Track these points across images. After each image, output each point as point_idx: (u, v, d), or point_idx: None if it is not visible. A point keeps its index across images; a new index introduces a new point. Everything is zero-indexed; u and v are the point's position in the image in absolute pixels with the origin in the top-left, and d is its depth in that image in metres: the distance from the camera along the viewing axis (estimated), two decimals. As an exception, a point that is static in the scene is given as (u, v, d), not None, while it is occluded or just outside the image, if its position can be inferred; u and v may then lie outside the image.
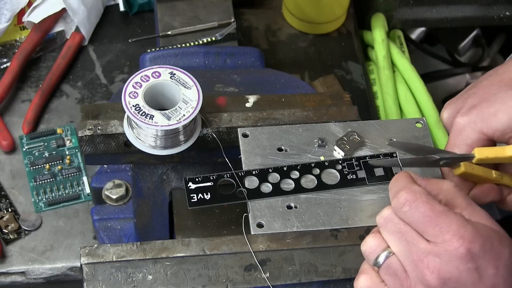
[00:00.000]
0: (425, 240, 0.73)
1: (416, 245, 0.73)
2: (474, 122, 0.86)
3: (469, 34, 1.62)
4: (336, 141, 0.92)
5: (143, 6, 1.44)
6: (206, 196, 0.86)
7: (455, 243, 0.71)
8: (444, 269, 0.72)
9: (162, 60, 1.18)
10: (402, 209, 0.74)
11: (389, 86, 1.40)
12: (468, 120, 0.86)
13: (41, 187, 1.24)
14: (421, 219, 0.73)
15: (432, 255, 0.72)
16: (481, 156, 0.84)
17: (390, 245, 0.76)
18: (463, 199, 0.77)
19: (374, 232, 0.79)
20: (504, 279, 0.73)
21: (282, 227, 0.85)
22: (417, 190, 0.75)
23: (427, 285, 0.73)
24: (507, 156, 0.84)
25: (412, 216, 0.74)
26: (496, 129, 0.85)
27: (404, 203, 0.74)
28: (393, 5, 1.45)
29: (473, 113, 0.86)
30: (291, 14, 1.45)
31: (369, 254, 0.78)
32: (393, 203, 0.76)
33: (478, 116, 0.86)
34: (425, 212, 0.73)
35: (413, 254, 0.73)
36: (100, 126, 0.95)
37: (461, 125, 0.87)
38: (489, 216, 0.76)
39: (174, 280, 0.87)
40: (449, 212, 0.73)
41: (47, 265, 1.17)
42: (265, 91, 1.11)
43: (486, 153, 0.84)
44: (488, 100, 0.86)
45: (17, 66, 1.33)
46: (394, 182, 0.78)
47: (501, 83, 0.87)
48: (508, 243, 0.74)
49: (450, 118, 0.89)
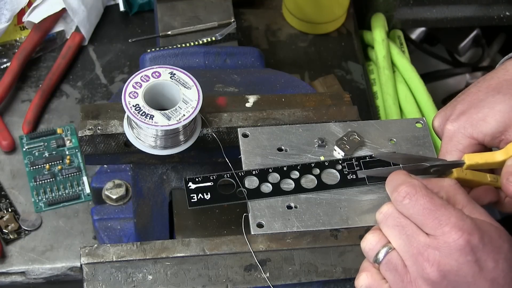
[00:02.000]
0: (425, 233, 0.74)
1: (416, 238, 0.74)
2: (464, 128, 0.87)
3: (469, 34, 1.63)
4: (336, 141, 0.92)
5: (143, 6, 1.44)
6: (206, 196, 0.86)
7: (454, 235, 0.72)
8: (444, 262, 0.72)
9: (162, 60, 1.18)
10: (402, 202, 0.75)
11: (389, 86, 1.40)
12: (458, 126, 0.87)
13: (41, 187, 1.24)
14: (421, 211, 0.74)
15: (431, 248, 0.73)
16: (471, 162, 0.84)
17: (390, 240, 0.76)
18: (464, 196, 0.78)
19: (374, 229, 0.79)
20: (504, 273, 0.73)
21: (282, 227, 0.85)
22: (417, 183, 0.76)
23: (427, 279, 0.73)
24: (496, 161, 0.84)
25: (412, 208, 0.74)
26: (485, 133, 0.85)
27: (404, 196, 0.75)
28: (393, 5, 1.45)
29: (462, 119, 0.87)
30: (291, 14, 1.45)
31: (369, 251, 0.78)
32: (394, 196, 0.76)
33: (467, 122, 0.86)
34: (424, 204, 0.74)
35: (413, 247, 0.74)
36: (100, 126, 0.95)
37: (451, 131, 0.88)
38: (489, 214, 0.77)
39: (174, 280, 0.87)
40: (448, 205, 0.74)
41: (47, 265, 1.17)
42: (265, 91, 1.11)
43: (475, 159, 0.85)
44: (477, 106, 0.87)
45: (17, 66, 1.33)
46: (392, 178, 0.79)
47: (488, 89, 0.88)
48: (507, 238, 0.74)
49: (441, 125, 0.90)
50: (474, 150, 0.86)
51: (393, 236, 0.76)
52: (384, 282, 0.77)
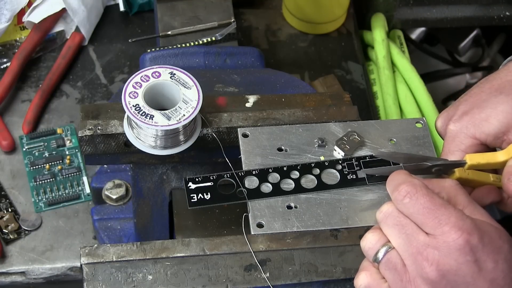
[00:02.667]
0: (425, 233, 0.74)
1: (416, 237, 0.74)
2: (466, 128, 0.87)
3: (469, 34, 1.63)
4: (336, 141, 0.92)
5: (143, 6, 1.44)
6: (206, 196, 0.86)
7: (454, 235, 0.72)
8: (443, 261, 0.72)
9: (162, 60, 1.18)
10: (403, 201, 0.75)
11: (389, 86, 1.40)
12: (461, 126, 0.87)
13: (41, 187, 1.24)
14: (421, 210, 0.74)
15: (431, 247, 0.73)
16: (473, 162, 0.84)
17: (390, 239, 0.77)
18: (465, 196, 0.78)
19: (373, 228, 0.79)
20: (504, 274, 0.73)
21: (282, 227, 0.85)
22: (417, 183, 0.76)
23: (426, 278, 0.73)
24: (498, 161, 0.84)
25: (412, 207, 0.74)
26: (488, 133, 0.85)
27: (405, 195, 0.75)
28: (393, 5, 1.45)
29: (465, 119, 0.87)
30: (291, 14, 1.45)
31: (368, 250, 0.78)
32: (394, 195, 0.76)
33: (470, 122, 0.86)
34: (425, 203, 0.74)
35: (413, 247, 0.74)
36: (100, 126, 0.95)
37: (454, 132, 0.88)
38: (489, 215, 0.77)
39: (174, 280, 0.87)
40: (449, 205, 0.74)
41: (47, 265, 1.17)
42: (265, 91, 1.11)
43: (477, 159, 0.84)
44: (479, 106, 0.87)
45: (17, 66, 1.33)
46: (393, 177, 0.79)
47: (491, 89, 0.88)
48: (508, 239, 0.74)
49: (444, 126, 0.90)
50: (477, 150, 0.86)
51: (393, 235, 0.76)
52: (383, 282, 0.77)
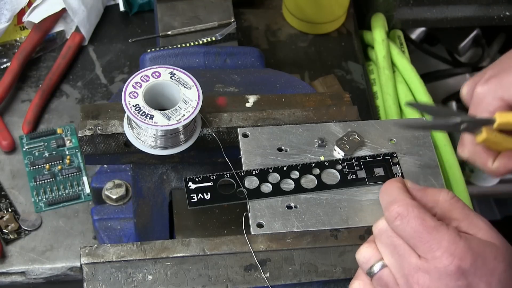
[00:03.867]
0: (417, 255, 0.73)
1: (408, 259, 0.73)
2: (494, 90, 0.85)
3: (469, 34, 1.63)
4: (336, 141, 0.92)
5: (143, 6, 1.44)
6: (206, 196, 0.86)
7: (445, 261, 0.71)
8: (433, 286, 0.71)
9: (162, 60, 1.18)
10: (394, 222, 0.74)
11: (389, 86, 1.40)
12: (488, 88, 0.85)
13: (41, 187, 1.24)
14: (412, 234, 0.73)
15: (422, 271, 0.72)
16: (503, 120, 0.82)
17: (384, 257, 0.76)
18: (461, 210, 0.76)
19: (369, 241, 0.79)
20: None
21: (282, 227, 0.85)
22: (409, 203, 0.74)
23: None
24: None
25: (403, 230, 0.74)
26: None
27: (396, 217, 0.74)
28: (393, 5, 1.45)
29: (493, 82, 0.85)
30: (291, 14, 1.45)
31: (362, 264, 0.78)
32: (385, 215, 0.76)
33: (497, 85, 0.84)
34: (416, 227, 0.73)
35: (405, 268, 0.73)
36: (100, 126, 0.95)
37: (481, 94, 0.85)
38: (489, 225, 0.75)
39: (174, 280, 0.87)
40: (441, 227, 0.73)
41: (47, 265, 1.17)
42: (265, 91, 1.11)
43: (508, 118, 0.82)
44: (507, 70, 0.85)
45: (17, 66, 1.33)
46: (385, 191, 0.78)
47: None
48: (503, 257, 0.73)
49: (470, 91, 0.88)
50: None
51: (386, 254, 0.76)
52: None
